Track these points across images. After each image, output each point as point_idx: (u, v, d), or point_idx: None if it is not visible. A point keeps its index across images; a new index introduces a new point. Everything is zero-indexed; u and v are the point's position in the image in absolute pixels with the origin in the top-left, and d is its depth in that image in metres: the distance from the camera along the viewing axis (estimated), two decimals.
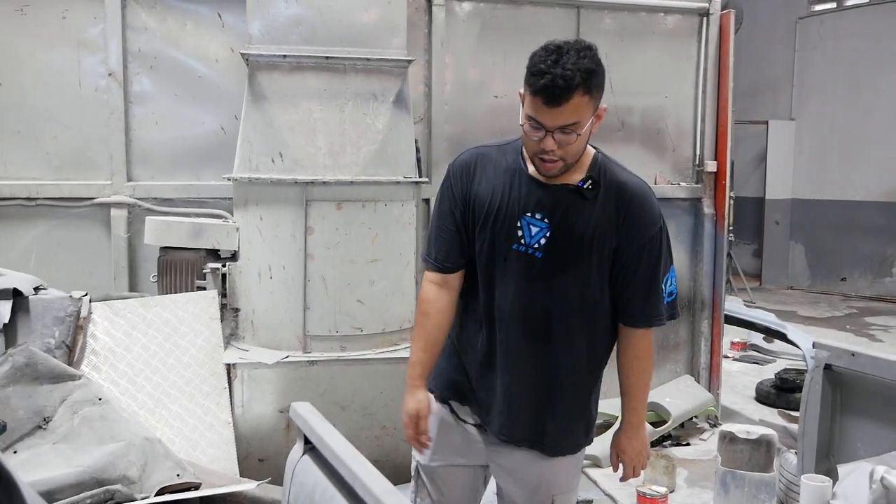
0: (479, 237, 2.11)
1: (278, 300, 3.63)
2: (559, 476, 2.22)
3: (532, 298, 2.07)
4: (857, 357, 2.51)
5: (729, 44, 5.01)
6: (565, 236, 2.04)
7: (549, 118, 1.92)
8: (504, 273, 2.08)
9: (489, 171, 2.12)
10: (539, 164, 2.01)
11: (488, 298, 2.11)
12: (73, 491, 2.60)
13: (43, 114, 4.16)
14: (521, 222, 2.05)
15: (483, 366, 2.16)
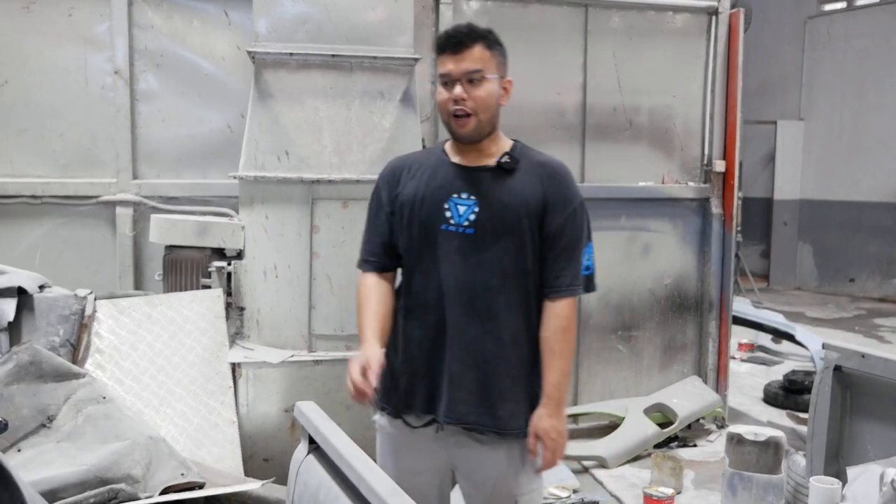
0: (407, 229, 2.22)
1: (283, 299, 3.62)
2: (520, 476, 2.23)
3: (470, 273, 2.16)
4: (867, 359, 2.48)
5: (738, 43, 4.98)
6: (493, 210, 2.16)
7: (455, 64, 2.12)
8: (438, 256, 2.18)
9: (414, 170, 2.27)
10: (454, 124, 2.16)
11: (427, 284, 2.20)
12: (76, 490, 2.58)
13: (49, 111, 4.15)
14: (448, 204, 2.18)
15: (431, 351, 2.20)
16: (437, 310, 2.19)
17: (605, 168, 4.90)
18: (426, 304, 2.20)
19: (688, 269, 5.12)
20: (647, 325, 5.06)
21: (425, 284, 2.20)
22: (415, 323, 2.23)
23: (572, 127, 4.83)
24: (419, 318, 2.22)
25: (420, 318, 2.22)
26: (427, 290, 2.20)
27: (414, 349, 2.23)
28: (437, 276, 2.18)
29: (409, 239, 2.23)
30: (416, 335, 2.22)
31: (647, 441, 4.57)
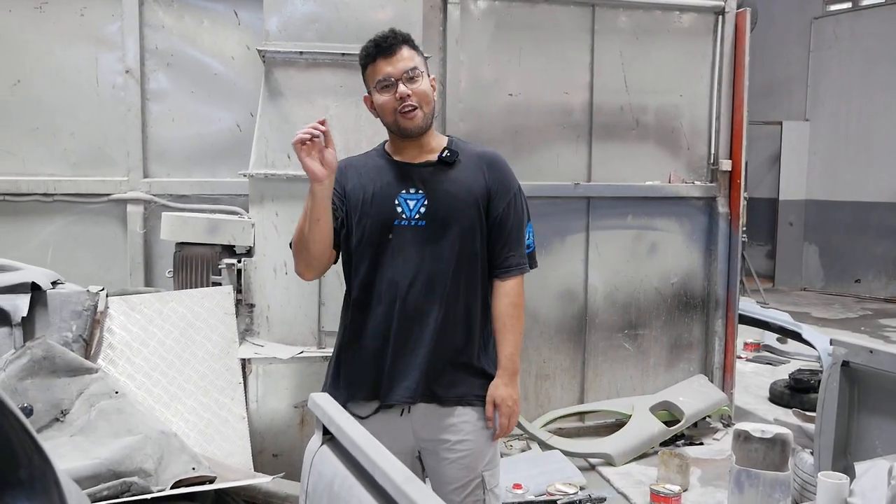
0: (358, 226, 2.34)
1: (293, 296, 3.64)
2: (485, 450, 2.38)
3: (426, 262, 2.30)
4: (875, 354, 2.49)
5: (744, 42, 4.99)
6: (441, 201, 2.32)
7: (391, 66, 2.27)
8: (393, 248, 2.31)
9: (358, 171, 2.40)
10: (402, 121, 2.30)
11: (382, 276, 2.32)
12: (90, 483, 2.61)
13: (61, 110, 4.19)
14: (399, 199, 2.32)
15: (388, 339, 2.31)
16: (390, 300, 2.31)
17: (611, 167, 4.92)
18: (380, 295, 2.32)
19: (694, 268, 5.14)
20: (654, 323, 5.08)
21: (378, 277, 2.32)
22: (369, 314, 2.34)
23: (579, 126, 4.85)
24: (374, 309, 2.33)
25: (375, 310, 2.33)
26: (380, 283, 2.32)
27: (369, 340, 2.34)
28: (395, 268, 2.31)
29: (361, 235, 2.34)
30: (372, 325, 2.33)
31: (653, 439, 4.59)
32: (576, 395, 4.96)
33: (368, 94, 2.40)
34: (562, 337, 4.89)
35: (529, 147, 4.69)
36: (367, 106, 2.44)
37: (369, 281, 2.34)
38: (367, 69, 2.34)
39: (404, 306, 2.30)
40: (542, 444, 4.44)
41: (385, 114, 2.34)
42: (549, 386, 4.89)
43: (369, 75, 2.34)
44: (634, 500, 3.99)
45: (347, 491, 1.52)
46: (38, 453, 1.04)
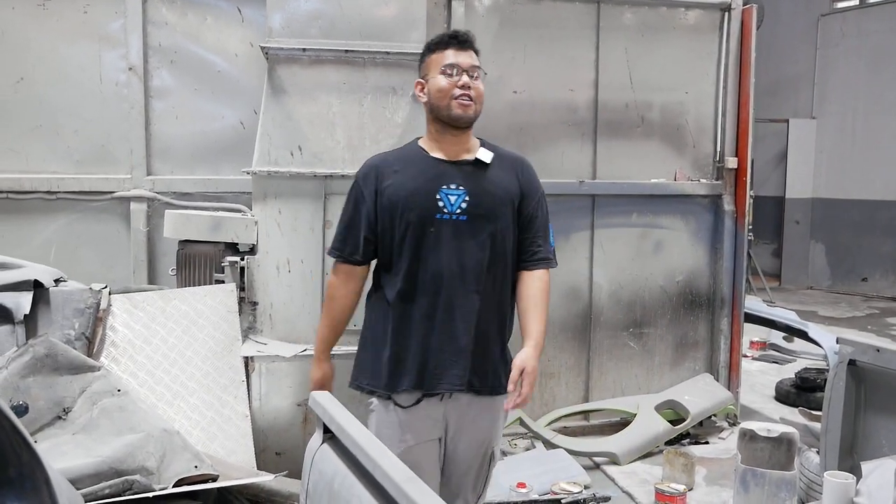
0: (401, 220, 2.43)
1: (296, 294, 3.63)
2: (497, 428, 2.58)
3: (466, 255, 2.43)
4: (881, 353, 2.47)
5: (751, 39, 4.96)
6: (481, 198, 2.45)
7: (463, 58, 2.42)
8: (435, 242, 2.41)
9: (396, 167, 2.48)
10: (457, 108, 2.41)
11: (426, 268, 2.42)
12: (92, 481, 2.60)
13: (64, 108, 4.19)
14: (440, 194, 2.42)
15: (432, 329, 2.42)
16: (434, 292, 2.41)
17: (616, 164, 4.89)
18: (424, 287, 2.42)
19: (700, 266, 5.11)
20: (659, 322, 5.05)
21: (422, 269, 2.42)
22: (413, 306, 2.43)
23: (584, 123, 4.83)
24: (418, 301, 2.43)
25: (418, 302, 2.43)
26: (424, 275, 2.42)
27: (413, 330, 2.43)
28: (437, 260, 2.41)
29: (405, 229, 2.42)
30: (417, 316, 2.43)
31: (658, 438, 4.57)
32: (580, 394, 4.94)
33: (422, 80, 2.51)
34: (566, 335, 4.87)
35: (534, 144, 4.67)
36: (417, 90, 2.53)
37: (412, 273, 2.43)
38: (433, 54, 2.46)
39: (447, 297, 2.41)
40: (546, 442, 4.42)
41: (441, 97, 2.42)
42: (553, 384, 4.87)
43: (434, 60, 2.45)
44: (639, 499, 3.97)
45: (348, 490, 1.51)
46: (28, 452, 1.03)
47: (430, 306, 2.42)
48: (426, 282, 2.42)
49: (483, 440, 2.54)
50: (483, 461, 2.56)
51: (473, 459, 2.54)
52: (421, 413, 2.44)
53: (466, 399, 2.47)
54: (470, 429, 2.50)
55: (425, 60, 2.51)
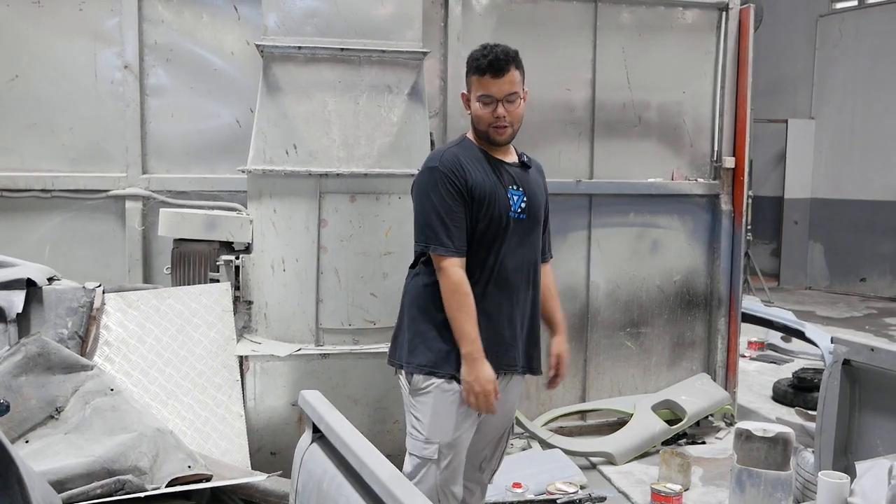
0: (484, 215, 2.59)
1: (291, 293, 3.62)
2: (517, 403, 2.89)
3: (526, 251, 2.69)
4: (876, 352, 2.46)
5: (748, 39, 4.95)
6: (533, 199, 2.70)
7: (497, 88, 2.55)
8: (507, 237, 2.62)
9: (471, 164, 2.62)
10: (493, 133, 2.61)
11: (498, 262, 2.62)
12: (83, 481, 2.59)
13: (59, 106, 4.17)
14: (509, 193, 2.63)
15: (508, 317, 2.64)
16: (506, 283, 2.63)
17: (614, 164, 4.88)
18: (499, 279, 2.62)
19: (697, 266, 5.10)
20: (656, 321, 5.04)
21: (499, 262, 2.62)
22: (487, 296, 2.61)
23: (581, 122, 4.82)
24: (491, 291, 2.62)
25: (492, 291, 2.62)
26: (501, 267, 2.62)
27: (485, 318, 2.58)
28: (510, 255, 2.63)
29: (488, 223, 2.59)
30: (489, 306, 2.61)
31: (655, 438, 4.56)
32: (577, 394, 4.93)
33: (467, 94, 2.67)
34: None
35: (531, 144, 4.63)
36: (463, 101, 2.71)
37: (492, 266, 2.62)
38: (473, 77, 2.60)
39: (514, 289, 2.65)
40: (542, 442, 4.41)
41: (480, 123, 2.63)
42: None
43: (474, 84, 2.60)
44: (635, 499, 3.96)
45: (336, 489, 1.50)
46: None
47: (501, 297, 2.63)
48: (501, 275, 2.62)
49: (509, 411, 2.81)
50: (504, 432, 2.84)
51: (497, 432, 2.80)
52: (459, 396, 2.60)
53: (508, 378, 2.73)
54: (502, 404, 2.68)
55: (468, 77, 2.64)
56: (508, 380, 2.74)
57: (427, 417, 2.58)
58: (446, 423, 2.58)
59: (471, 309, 2.54)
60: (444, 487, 2.61)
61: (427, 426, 2.59)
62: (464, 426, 2.62)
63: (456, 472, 2.64)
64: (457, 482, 2.66)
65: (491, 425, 2.76)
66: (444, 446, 2.58)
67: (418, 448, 2.62)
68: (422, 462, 2.60)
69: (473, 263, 2.60)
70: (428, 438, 2.59)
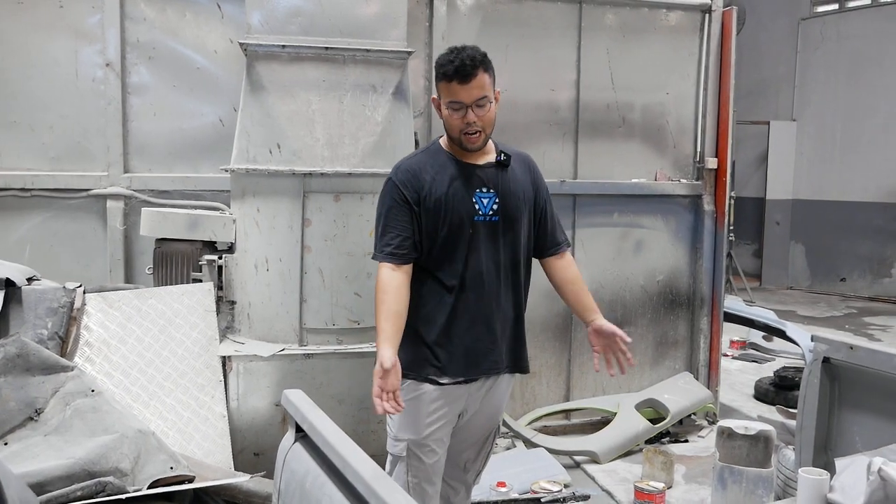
0: (443, 222, 2.59)
1: (275, 292, 3.60)
2: (504, 403, 2.85)
3: (500, 254, 2.65)
4: (855, 350, 2.48)
5: (731, 40, 4.98)
6: (508, 199, 2.65)
7: (466, 94, 2.52)
8: (474, 242, 2.61)
9: (431, 172, 2.62)
10: (465, 140, 2.59)
11: (465, 266, 2.60)
12: (64, 483, 2.56)
13: (39, 104, 4.13)
14: (475, 197, 2.61)
15: (473, 320, 2.62)
16: (477, 288, 2.61)
17: (598, 164, 4.90)
18: (467, 284, 2.61)
19: (680, 266, 5.13)
20: (640, 321, 5.07)
21: (465, 268, 2.60)
22: (458, 301, 2.61)
23: (566, 123, 4.83)
24: (462, 296, 2.61)
25: (462, 297, 2.61)
26: (467, 273, 2.60)
27: (458, 324, 2.61)
28: (476, 260, 2.60)
29: (447, 230, 2.59)
30: (461, 311, 2.61)
31: (638, 436, 4.58)
32: (561, 393, 4.95)
33: (437, 99, 2.64)
34: (547, 335, 4.87)
35: (515, 144, 4.57)
36: (434, 106, 2.68)
37: (458, 272, 2.61)
38: (441, 83, 2.57)
39: (487, 293, 2.62)
40: (527, 441, 4.42)
41: (451, 130, 2.61)
42: (534, 384, 4.87)
43: (442, 90, 2.58)
44: (619, 497, 3.98)
45: (319, 489, 1.50)
46: None
47: (473, 302, 2.61)
48: (469, 280, 2.61)
49: (494, 414, 2.80)
50: (489, 434, 2.83)
51: (482, 433, 2.80)
52: (454, 393, 2.64)
53: (492, 381, 2.72)
54: (486, 407, 2.74)
55: (437, 82, 2.61)
56: (493, 381, 2.73)
57: (397, 415, 2.61)
58: (415, 422, 2.60)
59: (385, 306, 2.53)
60: (416, 486, 2.64)
61: (396, 424, 2.64)
62: (434, 426, 2.62)
63: (430, 471, 2.66)
64: (431, 481, 2.67)
65: (476, 426, 2.77)
66: (412, 444, 2.62)
67: (391, 445, 2.69)
68: (394, 459, 2.67)
69: (442, 271, 2.62)
70: (396, 436, 2.65)
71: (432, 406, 2.61)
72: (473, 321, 2.63)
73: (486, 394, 2.73)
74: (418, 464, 2.64)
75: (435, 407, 2.61)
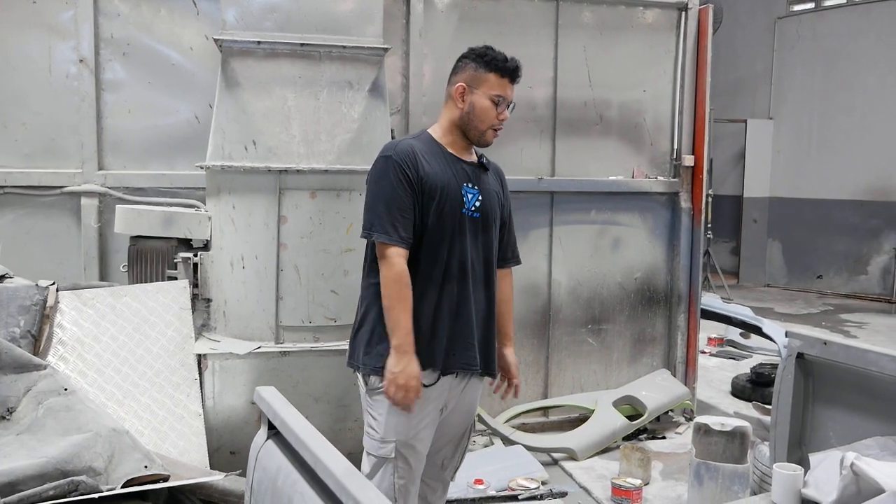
0: (436, 209, 2.58)
1: (251, 290, 3.58)
2: (477, 403, 2.88)
3: (479, 251, 2.68)
4: (828, 346, 2.51)
5: (707, 38, 5.01)
6: (487, 199, 2.70)
7: (511, 93, 2.65)
8: (460, 234, 2.61)
9: (426, 157, 2.61)
10: (489, 134, 2.66)
11: (452, 258, 2.60)
12: (36, 482, 2.53)
13: (12, 100, 4.07)
14: (464, 190, 2.63)
15: (455, 315, 2.62)
16: (460, 280, 2.62)
17: (575, 162, 4.91)
18: (452, 275, 2.61)
19: (657, 263, 5.16)
20: (617, 318, 5.09)
21: (451, 258, 2.60)
22: (442, 292, 2.61)
23: (543, 120, 4.84)
24: (446, 287, 2.61)
25: (446, 288, 2.61)
26: (453, 264, 2.61)
27: (441, 315, 2.60)
28: (462, 252, 2.61)
29: (439, 218, 2.58)
30: (444, 302, 2.61)
31: (616, 433, 4.60)
32: (539, 390, 4.95)
33: (466, 86, 2.62)
34: (525, 332, 4.88)
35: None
36: (458, 92, 2.64)
37: (445, 261, 2.60)
38: (490, 75, 2.61)
39: (469, 288, 2.63)
40: (504, 439, 4.43)
41: (482, 121, 2.63)
42: None
43: (488, 81, 2.61)
44: (596, 494, 3.99)
45: (291, 486, 1.49)
46: None
47: (456, 294, 2.61)
48: (454, 271, 2.61)
49: (469, 413, 2.82)
50: (466, 430, 2.85)
51: (458, 431, 2.81)
52: (436, 391, 2.62)
53: (467, 379, 2.72)
54: (462, 404, 2.75)
55: (478, 72, 2.61)
56: (467, 381, 2.73)
57: (383, 417, 2.58)
58: (402, 423, 2.57)
59: (409, 302, 2.51)
60: (402, 487, 2.61)
61: (383, 425, 2.59)
62: (420, 426, 2.60)
63: (415, 471, 2.64)
64: (415, 481, 2.66)
65: (452, 425, 2.78)
66: (400, 445, 2.58)
67: (375, 447, 2.62)
68: (379, 461, 2.60)
69: (428, 259, 2.60)
70: (384, 437, 2.59)
71: (419, 405, 2.57)
72: (456, 314, 2.62)
73: (463, 391, 2.73)
74: (405, 465, 2.61)
75: (421, 406, 2.58)
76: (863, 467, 2.17)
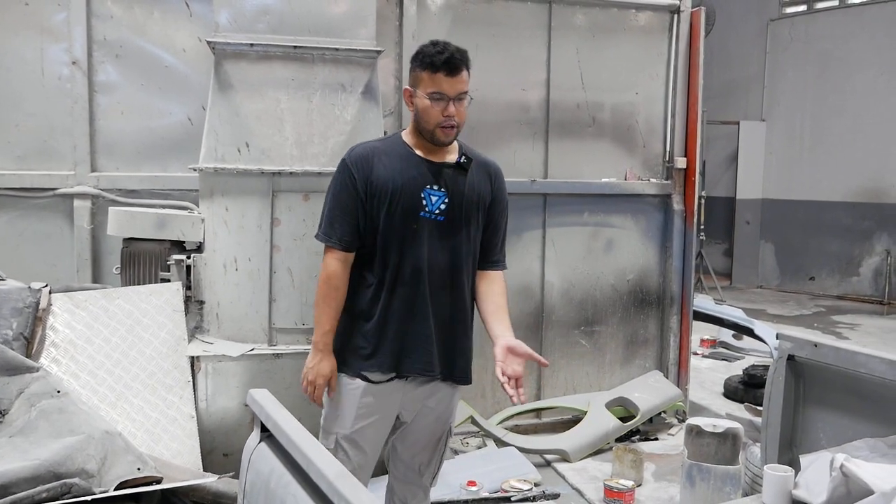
0: (386, 213, 2.56)
1: (244, 292, 3.58)
2: (453, 411, 2.79)
3: (441, 254, 2.60)
4: (819, 348, 2.52)
5: (699, 41, 5.04)
6: (458, 201, 2.60)
7: (450, 87, 2.50)
8: (415, 237, 2.57)
9: (384, 160, 2.59)
10: (439, 133, 2.55)
11: (405, 261, 2.57)
12: (28, 485, 2.52)
13: (5, 102, 4.07)
14: (424, 193, 2.57)
15: (407, 318, 2.59)
16: (413, 284, 2.57)
17: (568, 164, 4.93)
18: (404, 278, 2.57)
19: (650, 265, 5.18)
20: (610, 320, 5.10)
21: (403, 262, 2.56)
22: (393, 294, 2.58)
23: (536, 123, 4.86)
24: (397, 290, 2.58)
25: (398, 291, 2.58)
26: (405, 267, 2.56)
27: (391, 317, 2.58)
28: (416, 255, 2.56)
29: (389, 221, 2.55)
30: (396, 305, 2.58)
31: (608, 435, 4.61)
32: (532, 392, 4.97)
33: (410, 89, 2.60)
34: (518, 334, 4.71)
35: (486, 143, 4.65)
36: (406, 97, 2.63)
37: (395, 265, 2.57)
38: (423, 73, 2.52)
39: (425, 291, 2.57)
40: (497, 440, 4.44)
41: (427, 121, 2.55)
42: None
43: (423, 80, 2.52)
44: (589, 495, 4.00)
45: (283, 489, 1.49)
46: None
47: (409, 297, 2.57)
48: (406, 274, 2.57)
49: (442, 420, 2.74)
50: (441, 437, 2.78)
51: (431, 437, 2.75)
52: (386, 391, 2.61)
53: (431, 384, 2.66)
54: (430, 411, 2.70)
55: (415, 71, 2.56)
56: (431, 387, 2.68)
57: (328, 409, 2.65)
58: (344, 416, 2.62)
59: (335, 302, 2.59)
60: None
61: (326, 416, 2.68)
62: (364, 422, 2.61)
63: (357, 468, 2.63)
64: (360, 479, 2.65)
65: (424, 430, 2.75)
66: (341, 438, 2.63)
67: (321, 437, 2.69)
68: None
69: (379, 262, 2.59)
70: (326, 429, 2.67)
71: (363, 401, 2.60)
72: (407, 318, 2.58)
73: (428, 398, 2.69)
74: (345, 458, 2.62)
75: (365, 402, 2.60)
76: (852, 469, 2.19)
